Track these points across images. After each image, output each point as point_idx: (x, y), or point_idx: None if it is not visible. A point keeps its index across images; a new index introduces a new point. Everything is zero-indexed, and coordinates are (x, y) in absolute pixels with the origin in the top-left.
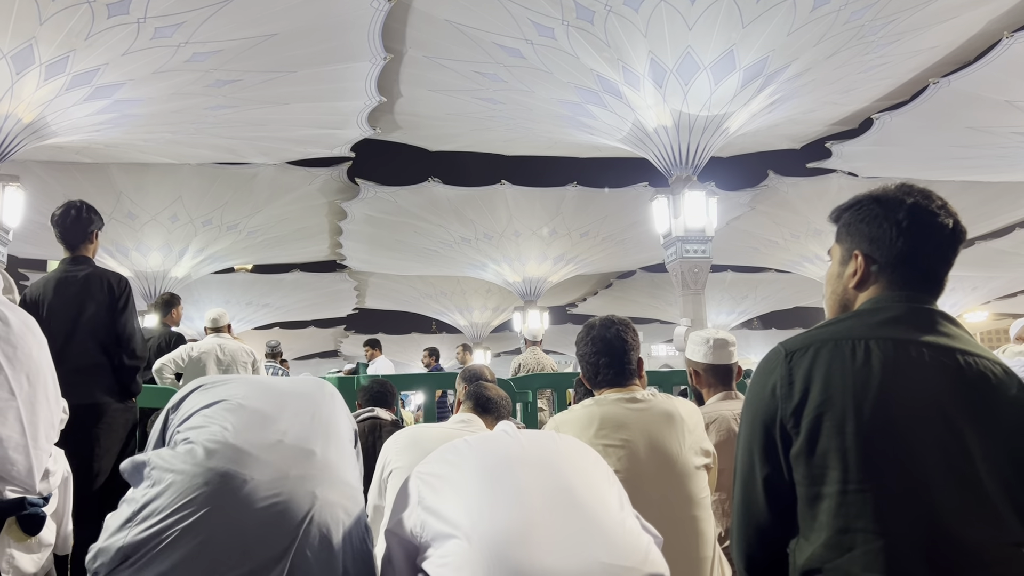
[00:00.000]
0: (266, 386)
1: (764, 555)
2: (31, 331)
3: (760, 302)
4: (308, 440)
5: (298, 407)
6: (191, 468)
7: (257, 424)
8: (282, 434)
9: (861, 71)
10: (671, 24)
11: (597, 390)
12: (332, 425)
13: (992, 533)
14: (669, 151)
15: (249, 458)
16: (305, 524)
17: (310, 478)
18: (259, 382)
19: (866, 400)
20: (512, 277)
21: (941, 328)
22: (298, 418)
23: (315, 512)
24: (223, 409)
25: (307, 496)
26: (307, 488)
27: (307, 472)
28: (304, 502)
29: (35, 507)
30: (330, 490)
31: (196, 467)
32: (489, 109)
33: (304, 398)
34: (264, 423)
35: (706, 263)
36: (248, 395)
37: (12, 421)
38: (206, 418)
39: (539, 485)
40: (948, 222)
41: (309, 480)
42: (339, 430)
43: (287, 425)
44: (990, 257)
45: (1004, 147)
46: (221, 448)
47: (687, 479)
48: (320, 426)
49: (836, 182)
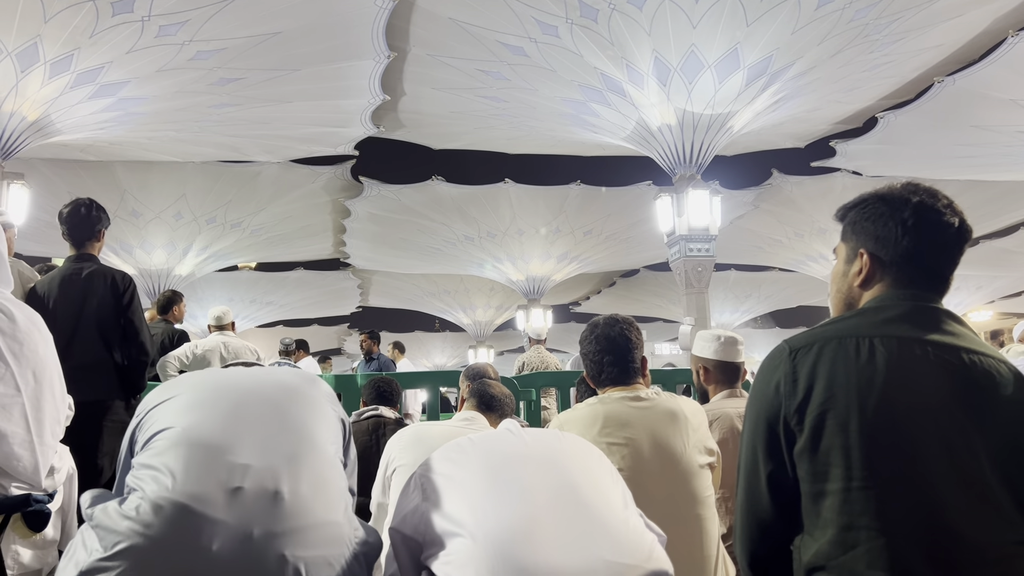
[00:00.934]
0: (223, 391)
1: (767, 552)
2: (37, 328)
3: (764, 301)
4: (274, 475)
5: (261, 419)
6: (139, 538)
7: (208, 463)
8: (241, 475)
9: (865, 69)
10: (675, 22)
11: (601, 388)
12: (305, 435)
13: (995, 531)
14: (673, 149)
15: (202, 521)
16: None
17: (278, 537)
18: (216, 384)
19: (870, 398)
20: (515, 275)
21: (946, 326)
22: (261, 439)
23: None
24: (169, 443)
25: (275, 561)
26: (275, 551)
27: (273, 527)
28: (272, 569)
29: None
30: (302, 546)
31: (143, 535)
32: (493, 107)
33: (269, 404)
34: (216, 459)
35: (710, 262)
36: (199, 418)
37: (18, 417)
38: (154, 454)
39: (543, 483)
40: (954, 221)
41: (276, 540)
42: (315, 438)
43: (247, 455)
44: (995, 256)
45: (1009, 146)
46: (167, 508)
47: (691, 478)
48: (289, 443)
49: (840, 181)
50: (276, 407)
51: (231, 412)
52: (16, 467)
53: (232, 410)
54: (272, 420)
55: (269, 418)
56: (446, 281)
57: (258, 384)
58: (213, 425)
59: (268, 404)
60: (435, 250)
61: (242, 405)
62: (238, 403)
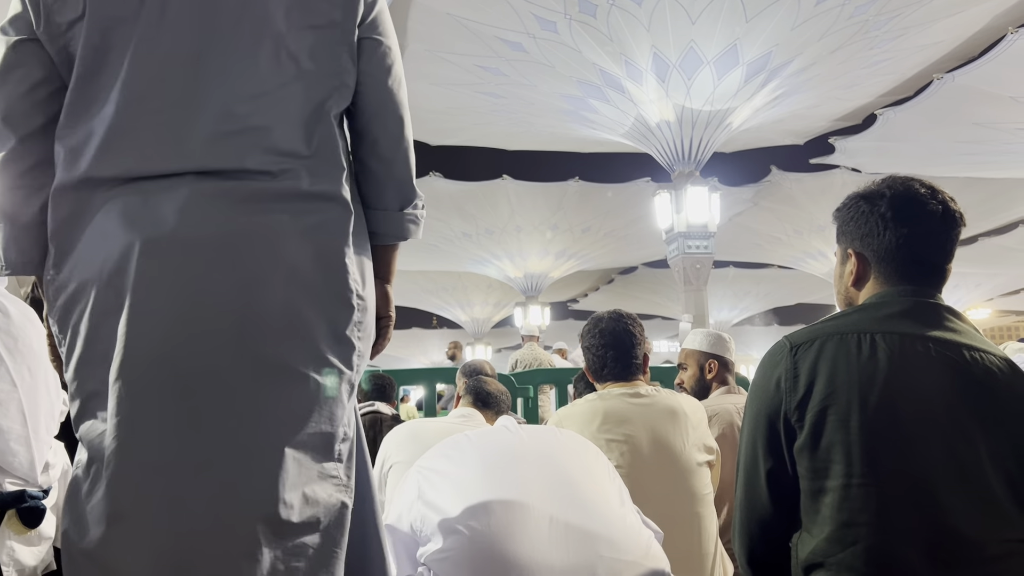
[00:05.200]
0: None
1: (766, 549)
2: (32, 323)
3: (763, 298)
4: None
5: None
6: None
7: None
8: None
9: (865, 66)
10: (674, 18)
11: (601, 384)
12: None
13: (995, 528)
14: (671, 146)
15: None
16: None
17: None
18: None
19: (871, 394)
20: (513, 272)
21: (947, 323)
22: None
23: None
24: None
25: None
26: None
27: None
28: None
29: (35, 500)
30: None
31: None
32: (491, 103)
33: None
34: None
35: (708, 259)
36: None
37: (14, 413)
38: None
39: (539, 480)
40: (937, 208)
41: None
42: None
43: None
44: (994, 253)
45: (1008, 143)
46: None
47: (690, 475)
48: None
49: (840, 178)
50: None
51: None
52: (12, 463)
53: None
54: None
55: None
56: (444, 278)
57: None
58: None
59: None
60: (432, 246)
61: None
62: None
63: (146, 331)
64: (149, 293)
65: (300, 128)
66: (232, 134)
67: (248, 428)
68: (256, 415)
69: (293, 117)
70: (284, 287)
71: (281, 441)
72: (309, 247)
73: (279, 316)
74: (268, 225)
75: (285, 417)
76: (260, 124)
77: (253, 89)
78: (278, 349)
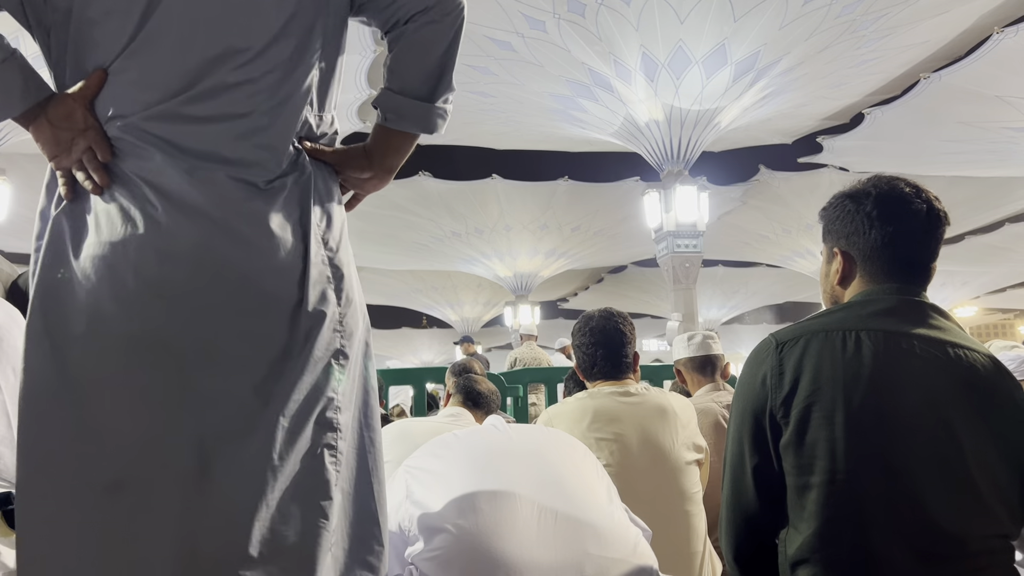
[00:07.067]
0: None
1: (752, 545)
2: (16, 323)
3: (751, 297)
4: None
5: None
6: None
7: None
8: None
9: (852, 66)
10: (663, 18)
11: (591, 382)
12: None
13: (978, 523)
14: (660, 145)
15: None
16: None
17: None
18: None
19: (856, 391)
20: (503, 272)
21: (932, 321)
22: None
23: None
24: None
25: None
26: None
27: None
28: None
29: None
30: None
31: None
32: (480, 102)
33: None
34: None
35: (697, 258)
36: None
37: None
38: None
39: (528, 478)
40: (921, 207)
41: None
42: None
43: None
44: (980, 252)
45: (994, 142)
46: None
47: (679, 474)
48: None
49: (827, 177)
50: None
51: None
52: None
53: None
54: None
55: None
56: (433, 277)
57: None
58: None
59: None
60: (422, 246)
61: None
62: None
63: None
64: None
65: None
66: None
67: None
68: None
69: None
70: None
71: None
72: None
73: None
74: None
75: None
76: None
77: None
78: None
